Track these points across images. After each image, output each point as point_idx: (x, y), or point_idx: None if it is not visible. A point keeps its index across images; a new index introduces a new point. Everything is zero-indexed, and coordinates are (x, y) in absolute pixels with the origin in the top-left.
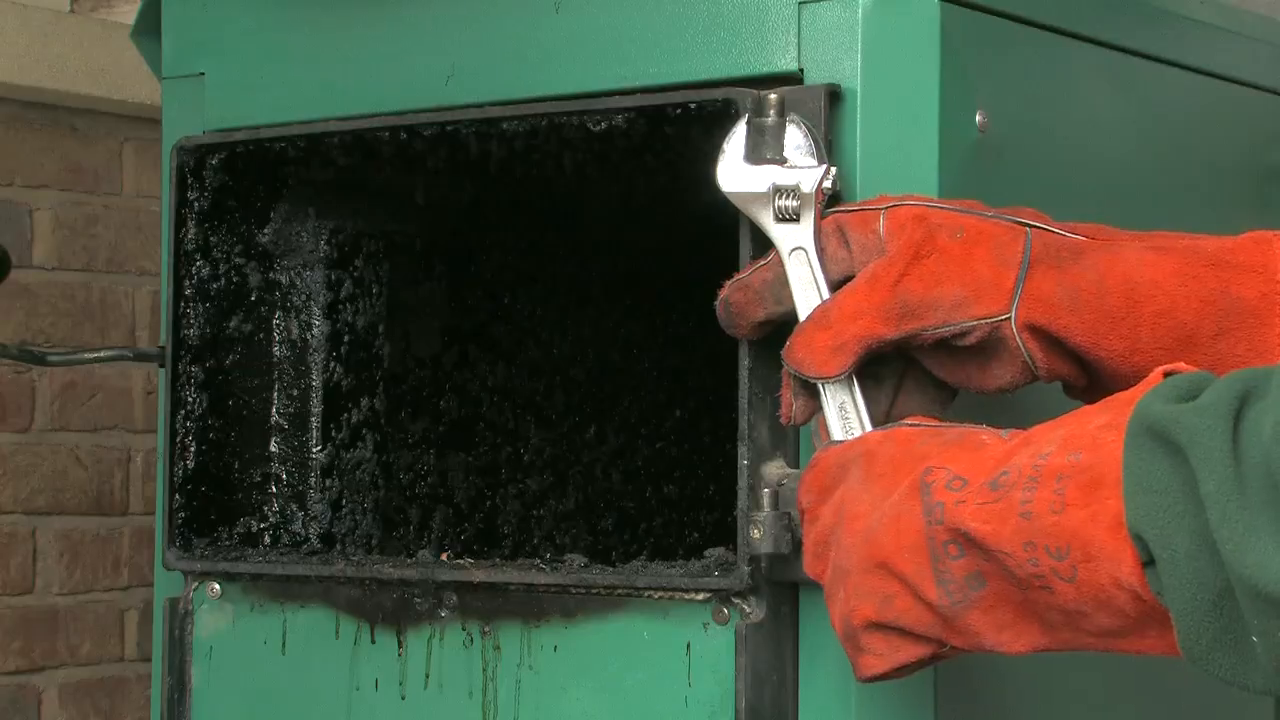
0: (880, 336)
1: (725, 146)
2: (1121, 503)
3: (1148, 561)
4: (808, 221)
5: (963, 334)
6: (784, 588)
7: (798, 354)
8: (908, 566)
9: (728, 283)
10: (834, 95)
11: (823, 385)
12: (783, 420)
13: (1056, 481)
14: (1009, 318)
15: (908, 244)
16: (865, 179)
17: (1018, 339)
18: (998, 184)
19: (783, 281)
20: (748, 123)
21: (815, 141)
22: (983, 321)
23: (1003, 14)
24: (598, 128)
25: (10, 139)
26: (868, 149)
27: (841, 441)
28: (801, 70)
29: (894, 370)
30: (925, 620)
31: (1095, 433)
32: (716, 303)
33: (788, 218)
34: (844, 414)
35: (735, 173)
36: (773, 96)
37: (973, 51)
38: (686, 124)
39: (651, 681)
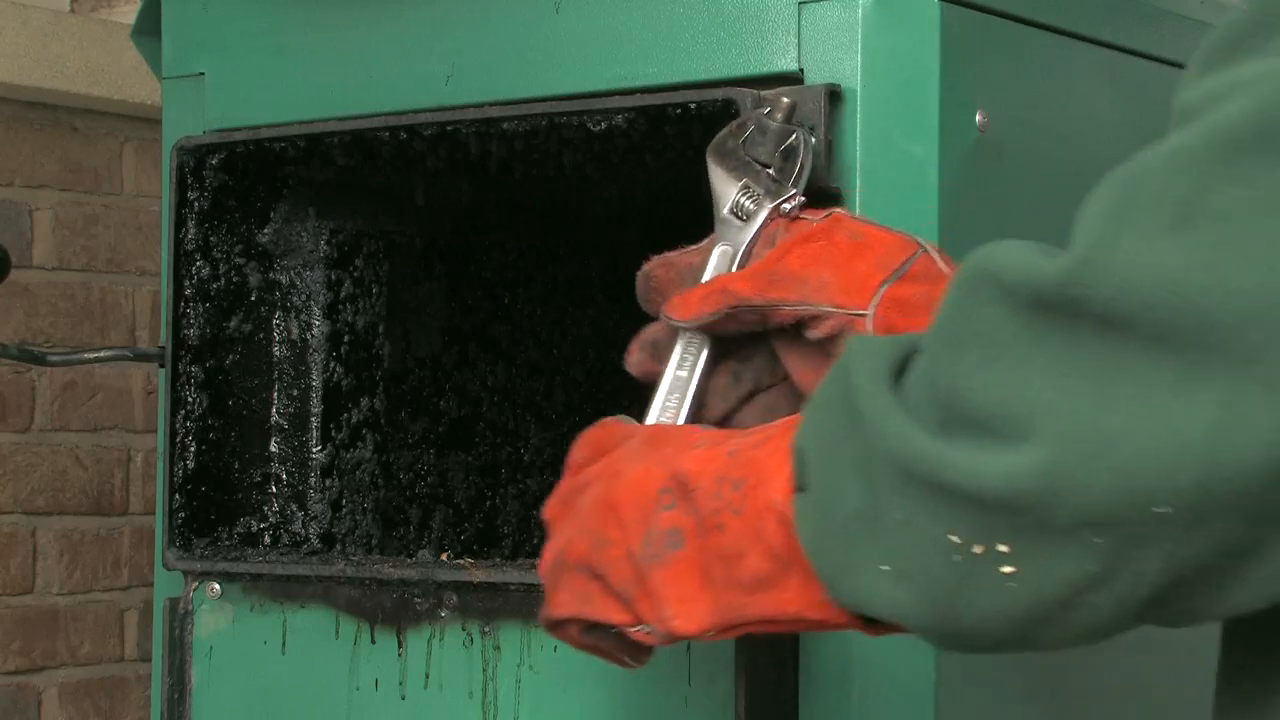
0: (743, 297)
1: (733, 124)
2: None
3: (803, 487)
4: (749, 229)
5: (818, 319)
6: None
7: (673, 300)
8: (630, 514)
9: (655, 257)
10: (834, 95)
11: (679, 347)
12: (625, 362)
13: (773, 426)
14: (865, 315)
15: (807, 230)
16: (865, 179)
17: None
18: (998, 184)
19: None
20: (758, 116)
21: (804, 164)
22: (839, 311)
23: (1003, 14)
24: (598, 128)
25: (10, 139)
26: (868, 149)
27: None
28: (801, 70)
29: (766, 357)
30: (625, 573)
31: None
32: (638, 274)
33: (738, 215)
34: (667, 404)
35: (725, 150)
36: (785, 100)
37: (973, 51)
38: (686, 124)
39: (651, 681)
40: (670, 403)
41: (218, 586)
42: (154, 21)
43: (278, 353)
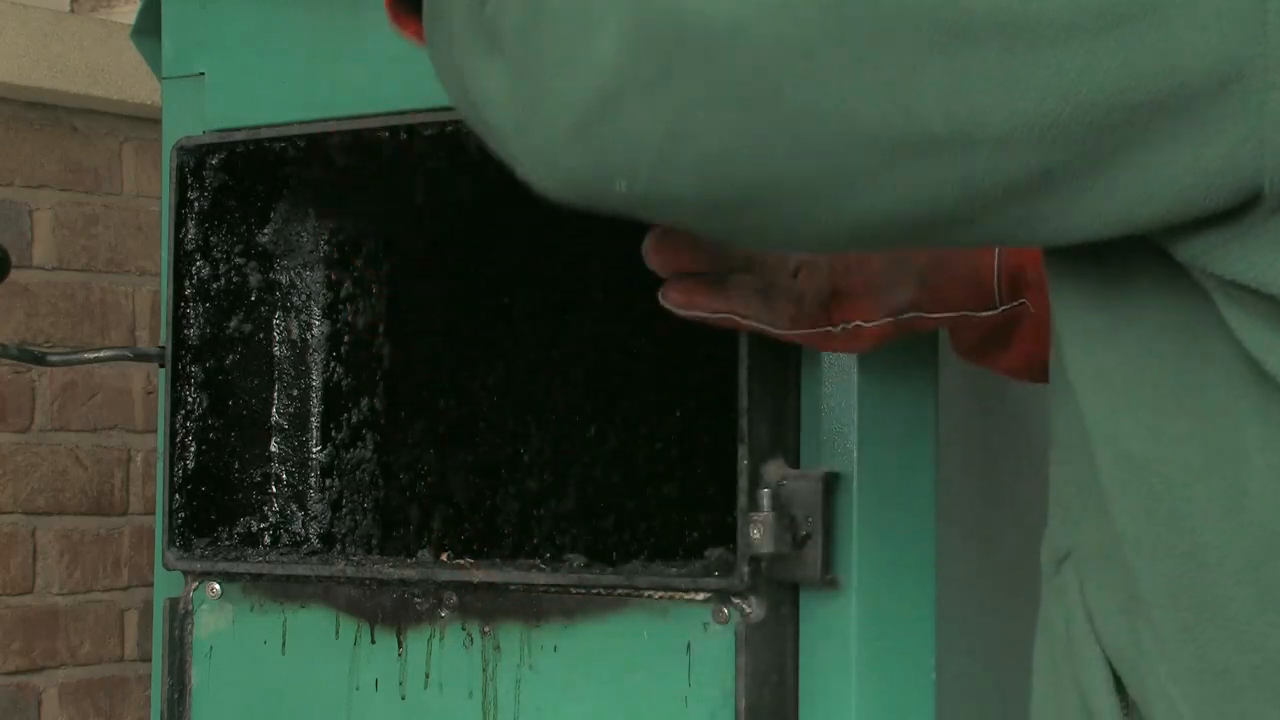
0: None
1: None
2: None
3: None
4: None
5: None
6: (784, 588)
7: None
8: None
9: None
10: None
11: None
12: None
13: None
14: None
15: None
16: None
17: None
18: None
19: None
20: None
21: None
22: None
23: None
24: None
25: (10, 139)
26: None
27: None
28: None
29: None
30: None
31: None
32: None
33: None
34: None
35: None
36: None
37: None
38: None
39: (651, 681)
40: None
41: (218, 586)
42: (154, 21)
43: (278, 353)
